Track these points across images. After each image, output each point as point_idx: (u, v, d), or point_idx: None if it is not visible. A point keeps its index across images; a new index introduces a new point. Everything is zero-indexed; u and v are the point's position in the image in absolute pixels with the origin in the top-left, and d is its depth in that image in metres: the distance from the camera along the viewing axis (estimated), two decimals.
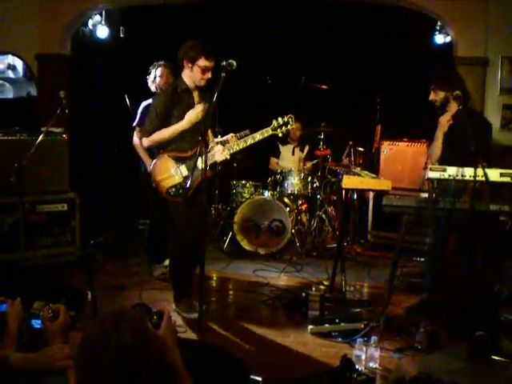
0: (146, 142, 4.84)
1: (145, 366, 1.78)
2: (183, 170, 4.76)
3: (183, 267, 4.96)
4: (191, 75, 4.74)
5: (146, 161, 5.92)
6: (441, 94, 4.95)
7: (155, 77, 6.08)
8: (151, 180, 4.87)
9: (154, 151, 5.32)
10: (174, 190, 4.75)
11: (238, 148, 4.85)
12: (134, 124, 6.07)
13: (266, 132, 4.85)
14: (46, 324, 2.44)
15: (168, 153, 4.79)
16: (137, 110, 6.18)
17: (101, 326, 1.83)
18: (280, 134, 4.95)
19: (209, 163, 4.57)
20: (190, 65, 4.69)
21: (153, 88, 6.10)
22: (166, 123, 4.74)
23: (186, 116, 4.73)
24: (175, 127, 4.72)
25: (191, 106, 4.79)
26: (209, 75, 4.70)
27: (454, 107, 4.92)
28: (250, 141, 4.83)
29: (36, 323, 2.54)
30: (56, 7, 7.35)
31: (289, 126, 4.92)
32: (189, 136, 4.77)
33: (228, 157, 4.82)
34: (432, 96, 5.02)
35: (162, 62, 6.11)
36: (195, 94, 4.86)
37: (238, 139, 4.93)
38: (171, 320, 2.22)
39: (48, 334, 2.43)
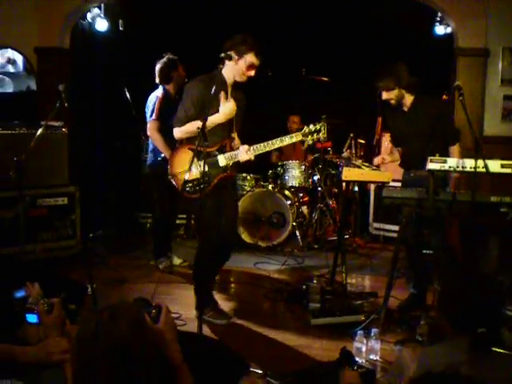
0: (179, 132, 4.53)
1: (142, 358, 1.77)
2: (201, 165, 4.33)
3: (207, 270, 4.71)
4: (234, 69, 4.50)
5: (166, 152, 5.68)
6: (395, 92, 4.86)
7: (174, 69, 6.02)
8: (167, 172, 4.61)
9: (170, 146, 5.27)
10: (190, 185, 4.45)
11: (264, 150, 4.59)
12: (152, 118, 5.87)
13: (296, 136, 4.60)
14: (41, 318, 2.43)
15: (189, 145, 4.48)
16: (138, 103, 6.15)
17: (97, 317, 1.82)
18: (310, 142, 4.76)
19: (231, 162, 4.51)
20: (236, 57, 4.45)
21: (161, 78, 6.03)
22: (200, 114, 4.35)
23: (221, 109, 4.44)
24: (212, 118, 4.38)
25: (223, 99, 4.51)
26: (252, 73, 4.51)
27: (408, 99, 4.88)
28: (278, 143, 4.58)
29: (31, 318, 2.52)
30: (55, 0, 7.33)
31: (320, 135, 4.65)
32: (217, 131, 4.49)
33: (252, 157, 4.56)
34: (385, 95, 4.91)
35: (174, 57, 6.05)
36: (229, 91, 4.61)
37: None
38: (170, 314, 2.21)
39: (44, 328, 2.42)
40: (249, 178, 7.78)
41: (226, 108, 4.45)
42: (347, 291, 5.21)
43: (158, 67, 6.01)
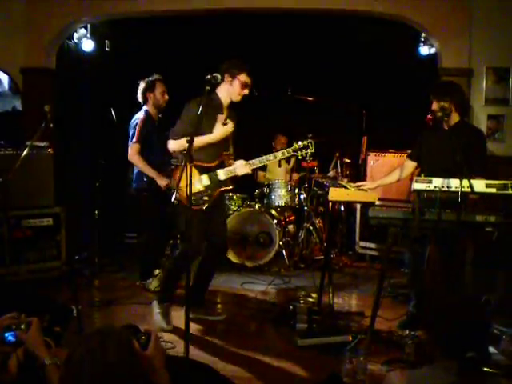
0: (174, 144, 4.85)
1: None
2: (205, 180, 4.89)
3: (179, 275, 5.01)
4: (229, 89, 4.92)
5: (150, 172, 5.89)
6: (446, 104, 4.85)
7: (149, 91, 6.08)
8: (155, 194, 5.13)
9: (156, 164, 5.78)
10: (194, 198, 4.67)
11: (259, 164, 5.08)
12: (132, 141, 5.95)
13: (287, 152, 5.07)
14: (23, 336, 2.39)
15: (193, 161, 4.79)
16: (124, 123, 6.16)
17: (87, 343, 1.80)
18: (300, 157, 5.17)
19: (229, 176, 4.93)
20: (230, 79, 4.88)
21: (141, 99, 6.10)
22: (195, 132, 4.54)
23: (218, 130, 4.87)
24: (206, 138, 4.80)
25: (216, 120, 4.92)
26: (247, 91, 4.93)
27: (454, 118, 4.87)
28: (272, 158, 5.02)
29: (10, 336, 2.48)
30: (41, 21, 7.32)
31: (308, 151, 5.08)
32: (213, 148, 4.89)
33: (250, 171, 5.03)
34: (435, 106, 4.83)
35: (159, 76, 6.12)
36: (225, 112, 5.03)
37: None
38: (159, 341, 2.19)
39: (29, 345, 2.38)
40: (235, 197, 7.78)
41: (223, 130, 4.90)
42: (334, 311, 5.20)
43: (140, 87, 6.09)
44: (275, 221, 7.29)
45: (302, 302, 5.58)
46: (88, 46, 7.74)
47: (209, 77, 4.25)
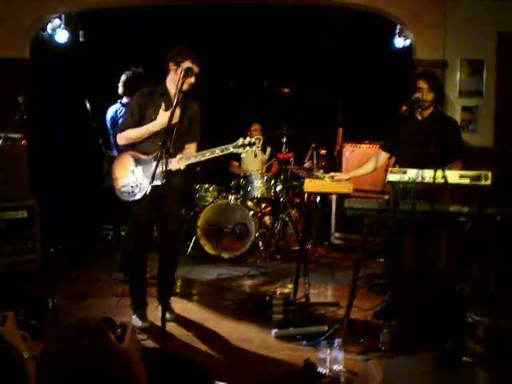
0: (120, 138, 4.80)
1: (106, 378, 1.75)
2: (138, 172, 4.69)
3: (136, 275, 4.92)
4: (175, 78, 4.64)
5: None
6: (431, 94, 4.89)
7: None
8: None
9: None
10: (125, 189, 4.71)
11: (195, 160, 4.65)
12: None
13: (226, 149, 4.55)
14: (5, 334, 2.37)
15: (131, 151, 4.78)
16: (99, 114, 6.11)
17: (62, 336, 1.80)
18: (243, 154, 4.97)
19: (163, 170, 4.32)
20: (175, 67, 4.67)
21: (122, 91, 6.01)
22: (139, 123, 4.73)
23: (157, 118, 4.66)
24: (146, 127, 4.68)
25: (166, 109, 4.66)
26: (192, 80, 4.63)
27: (429, 109, 4.93)
28: (208, 154, 4.57)
29: None
30: (14, 11, 7.23)
31: (254, 147, 4.58)
32: (153, 140, 4.68)
33: (183, 167, 4.62)
34: (426, 94, 4.87)
35: (132, 70, 6.03)
36: (174, 100, 4.53)
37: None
38: (135, 333, 2.19)
39: (6, 338, 2.37)
40: (211, 189, 7.77)
41: (162, 117, 4.62)
42: (310, 301, 5.23)
43: (123, 78, 5.97)
44: (251, 212, 7.31)
45: (277, 292, 5.60)
46: (62, 36, 7.66)
47: (185, 67, 4.26)
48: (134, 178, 4.71)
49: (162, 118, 4.61)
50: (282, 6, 7.91)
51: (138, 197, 4.68)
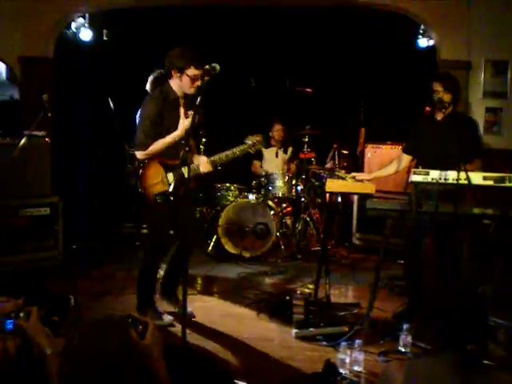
0: (143, 155, 4.61)
1: (127, 375, 1.76)
2: (170, 178, 4.64)
3: (153, 274, 4.91)
4: (180, 84, 4.61)
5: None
6: (448, 96, 4.88)
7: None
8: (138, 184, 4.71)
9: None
10: (161, 197, 4.61)
11: (219, 161, 4.80)
12: None
13: (243, 149, 4.82)
14: (24, 324, 2.38)
15: (158, 159, 4.64)
16: (122, 112, 6.14)
17: (83, 331, 1.81)
18: (253, 152, 5.02)
19: (193, 174, 4.57)
20: (178, 74, 4.56)
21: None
22: (159, 132, 4.59)
23: (180, 125, 4.56)
24: (170, 138, 4.56)
25: (179, 114, 4.63)
26: (199, 83, 4.52)
27: (448, 109, 4.91)
28: (230, 155, 4.76)
29: (9, 323, 2.46)
30: (39, 10, 7.30)
31: (260, 145, 4.97)
32: (176, 144, 4.62)
33: (211, 169, 4.76)
34: (438, 87, 4.88)
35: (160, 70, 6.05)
36: (181, 102, 4.71)
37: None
38: (157, 330, 2.19)
39: (30, 334, 2.38)
40: (232, 188, 7.80)
41: (185, 124, 4.55)
42: (331, 302, 5.22)
43: (151, 77, 5.98)
44: (272, 212, 7.31)
45: (298, 292, 5.59)
46: (86, 35, 7.71)
47: (207, 67, 4.22)
48: (167, 186, 4.61)
49: (186, 126, 4.53)
50: (305, 6, 7.88)
51: (171, 202, 4.62)
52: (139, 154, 4.63)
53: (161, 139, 4.57)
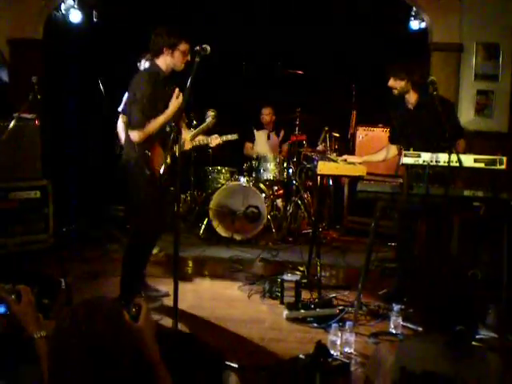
0: (143, 135, 4.52)
1: (119, 356, 1.75)
2: (168, 158, 4.65)
3: (141, 258, 4.88)
4: (171, 60, 4.62)
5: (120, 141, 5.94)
6: (401, 83, 4.90)
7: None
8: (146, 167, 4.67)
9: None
10: (166, 177, 4.61)
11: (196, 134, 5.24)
12: (120, 109, 5.96)
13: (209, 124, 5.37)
14: (12, 307, 2.36)
15: (158, 143, 4.64)
16: (112, 94, 6.12)
17: (73, 313, 1.80)
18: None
19: (203, 143, 5.25)
20: (170, 51, 4.58)
21: None
22: (153, 111, 4.56)
23: (170, 105, 4.55)
24: (163, 117, 4.55)
25: (168, 93, 4.64)
26: (188, 58, 4.62)
27: (413, 96, 4.92)
28: (201, 130, 5.35)
29: (0, 307, 2.44)
30: None
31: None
32: (169, 124, 4.66)
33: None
34: (392, 82, 4.94)
35: None
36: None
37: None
38: (150, 313, 2.18)
39: (18, 318, 2.36)
40: (223, 171, 7.80)
41: (175, 103, 4.56)
42: (322, 284, 5.23)
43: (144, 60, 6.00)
44: (263, 194, 7.30)
45: (289, 275, 5.60)
46: (75, 16, 7.62)
47: (198, 48, 4.18)
48: (166, 165, 4.62)
49: (176, 105, 4.55)
50: None
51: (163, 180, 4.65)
52: (136, 136, 4.53)
53: (154, 119, 4.53)
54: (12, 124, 5.10)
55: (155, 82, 4.61)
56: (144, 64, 5.89)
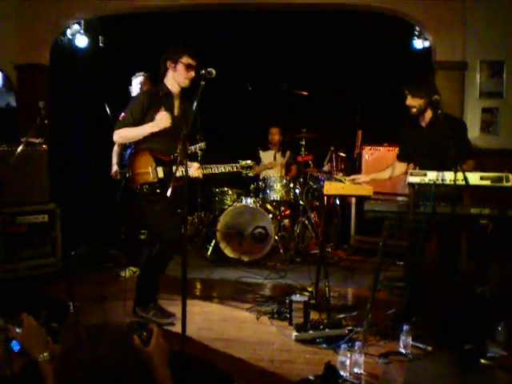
0: (116, 134, 4.83)
1: (124, 380, 1.74)
2: (160, 172, 4.77)
3: (159, 270, 4.97)
4: (174, 76, 4.75)
5: (113, 164, 6.28)
6: (419, 101, 4.89)
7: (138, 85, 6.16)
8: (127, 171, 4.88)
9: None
10: (147, 187, 4.73)
11: (210, 171, 4.99)
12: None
13: (233, 167, 5.04)
14: (17, 337, 2.36)
15: (150, 151, 4.77)
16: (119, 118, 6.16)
17: (77, 337, 1.80)
18: (244, 175, 5.36)
19: (182, 174, 4.40)
20: (173, 65, 4.73)
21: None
22: (140, 123, 4.74)
23: (156, 118, 4.70)
24: (143, 128, 4.70)
25: (170, 110, 4.79)
26: (192, 74, 4.71)
27: (428, 114, 4.92)
28: (222, 169, 5.00)
29: (15, 344, 2.43)
30: (34, 17, 7.31)
31: (249, 171, 5.13)
32: (170, 142, 4.78)
33: (201, 176, 4.95)
34: (410, 101, 4.93)
35: (142, 73, 6.20)
36: (176, 102, 4.88)
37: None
38: (161, 337, 2.17)
39: (24, 343, 2.36)
40: (230, 192, 7.81)
41: (158, 117, 4.70)
42: (330, 305, 5.21)
43: (139, 80, 6.11)
44: (271, 215, 7.30)
45: (297, 295, 5.58)
46: (82, 41, 7.72)
47: (203, 71, 4.22)
48: (156, 178, 4.75)
49: (159, 120, 4.69)
50: (302, 9, 7.88)
51: (159, 196, 4.70)
52: (114, 134, 4.86)
53: (135, 127, 4.72)
54: (20, 148, 5.13)
55: (152, 95, 4.80)
56: (134, 81, 6.05)
